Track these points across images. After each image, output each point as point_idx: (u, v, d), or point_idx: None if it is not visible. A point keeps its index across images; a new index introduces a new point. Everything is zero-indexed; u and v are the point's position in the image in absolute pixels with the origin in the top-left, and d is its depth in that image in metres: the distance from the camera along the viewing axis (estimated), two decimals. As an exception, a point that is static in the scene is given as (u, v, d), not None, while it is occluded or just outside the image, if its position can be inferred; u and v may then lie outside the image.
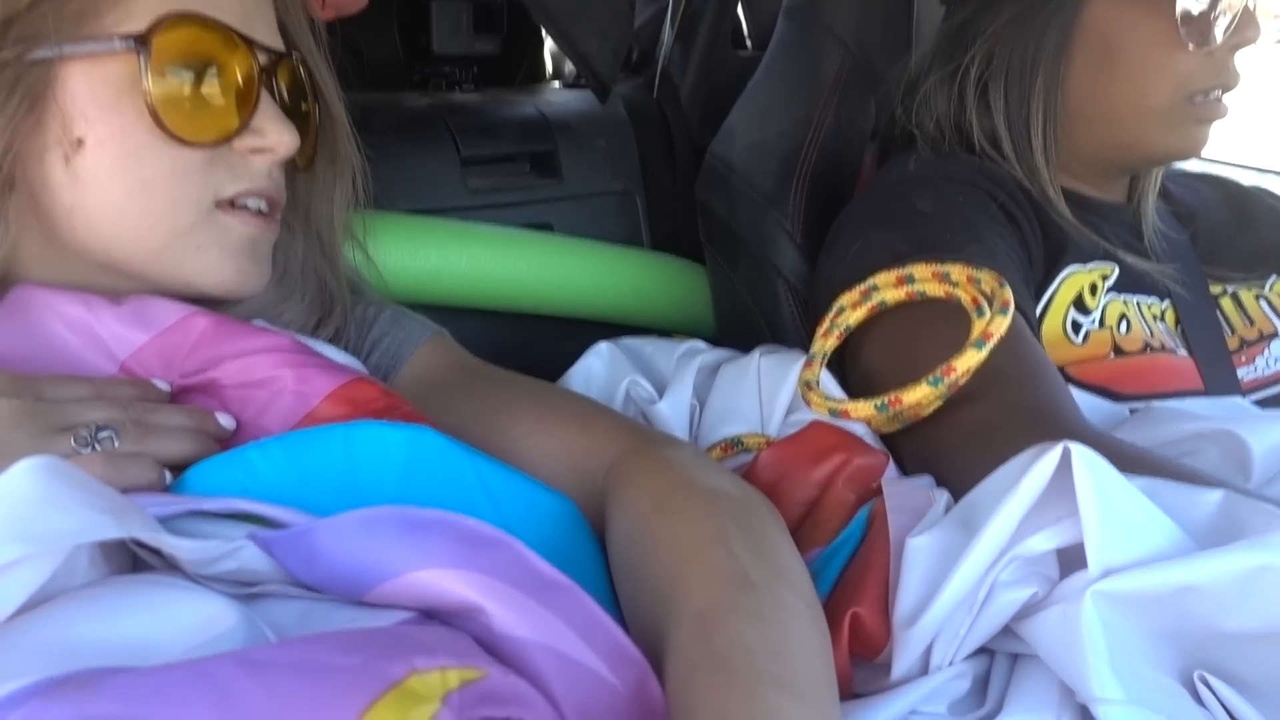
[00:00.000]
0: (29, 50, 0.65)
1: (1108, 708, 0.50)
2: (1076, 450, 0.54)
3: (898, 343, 0.85)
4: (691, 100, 1.38)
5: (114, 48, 0.66)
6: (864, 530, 0.66)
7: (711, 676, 0.46)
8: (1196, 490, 0.60)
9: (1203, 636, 0.53)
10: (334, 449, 0.57)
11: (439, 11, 1.28)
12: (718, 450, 0.82)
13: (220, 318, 0.68)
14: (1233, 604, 0.52)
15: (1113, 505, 0.54)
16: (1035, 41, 0.95)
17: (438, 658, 0.43)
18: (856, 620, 0.58)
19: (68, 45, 0.65)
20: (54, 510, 0.45)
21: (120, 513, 0.47)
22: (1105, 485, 0.54)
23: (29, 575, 0.43)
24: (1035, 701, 0.54)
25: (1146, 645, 0.53)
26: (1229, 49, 0.92)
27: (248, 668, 0.40)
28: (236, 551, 0.50)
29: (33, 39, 0.65)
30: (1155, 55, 0.92)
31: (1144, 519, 0.55)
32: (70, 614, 0.44)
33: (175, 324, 0.67)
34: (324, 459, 0.57)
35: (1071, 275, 0.93)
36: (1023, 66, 0.96)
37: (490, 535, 0.49)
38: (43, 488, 0.45)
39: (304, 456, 0.57)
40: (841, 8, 1.14)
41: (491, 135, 1.24)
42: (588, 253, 1.20)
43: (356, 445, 0.57)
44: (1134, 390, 0.89)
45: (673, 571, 0.53)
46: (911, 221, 0.91)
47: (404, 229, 1.07)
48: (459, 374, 0.79)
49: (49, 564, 0.44)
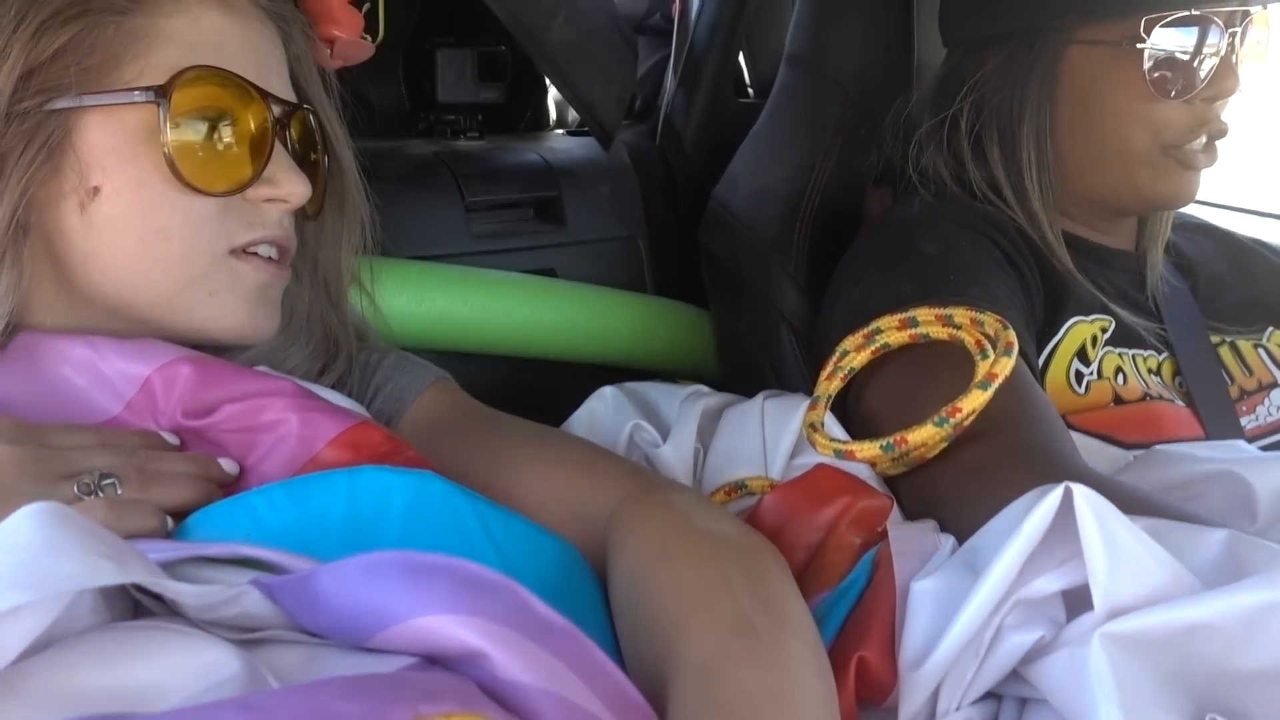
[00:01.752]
0: (49, 100, 0.66)
1: None
2: (1078, 490, 0.54)
3: (901, 385, 0.85)
4: (694, 147, 1.40)
5: (134, 99, 0.67)
6: (869, 574, 0.65)
7: None
8: (1200, 530, 0.60)
9: (1212, 677, 0.52)
10: (337, 494, 0.57)
11: (444, 60, 1.30)
12: (722, 494, 0.81)
13: (216, 362, 0.69)
14: (1242, 642, 0.51)
15: (1117, 545, 0.54)
16: (1020, 88, 0.97)
17: (442, 703, 0.42)
18: (863, 664, 0.57)
19: (88, 97, 0.66)
20: (56, 556, 0.45)
21: (122, 558, 0.47)
22: (1108, 525, 0.54)
23: (32, 621, 0.43)
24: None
25: (1155, 689, 0.53)
26: (1207, 99, 0.92)
27: (249, 714, 0.40)
28: (239, 597, 0.50)
29: (53, 90, 0.66)
30: (1130, 104, 0.92)
31: (1148, 558, 0.55)
32: (73, 660, 0.44)
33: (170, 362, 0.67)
34: (327, 504, 0.57)
35: (1076, 325, 0.93)
36: (1010, 113, 0.98)
37: (493, 580, 0.49)
38: (45, 533, 0.45)
39: (307, 502, 0.57)
40: (842, 56, 1.15)
41: (496, 182, 1.25)
42: (591, 297, 1.21)
43: (359, 491, 0.57)
44: (1136, 438, 0.89)
45: (675, 617, 0.53)
46: (915, 264, 0.91)
47: (409, 275, 1.08)
48: (461, 419, 0.79)
49: (52, 609, 0.44)
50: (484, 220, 1.22)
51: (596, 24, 1.22)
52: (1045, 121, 0.97)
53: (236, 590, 0.50)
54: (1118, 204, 1.00)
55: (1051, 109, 0.96)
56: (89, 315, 0.71)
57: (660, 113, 1.39)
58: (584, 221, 1.28)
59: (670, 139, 1.39)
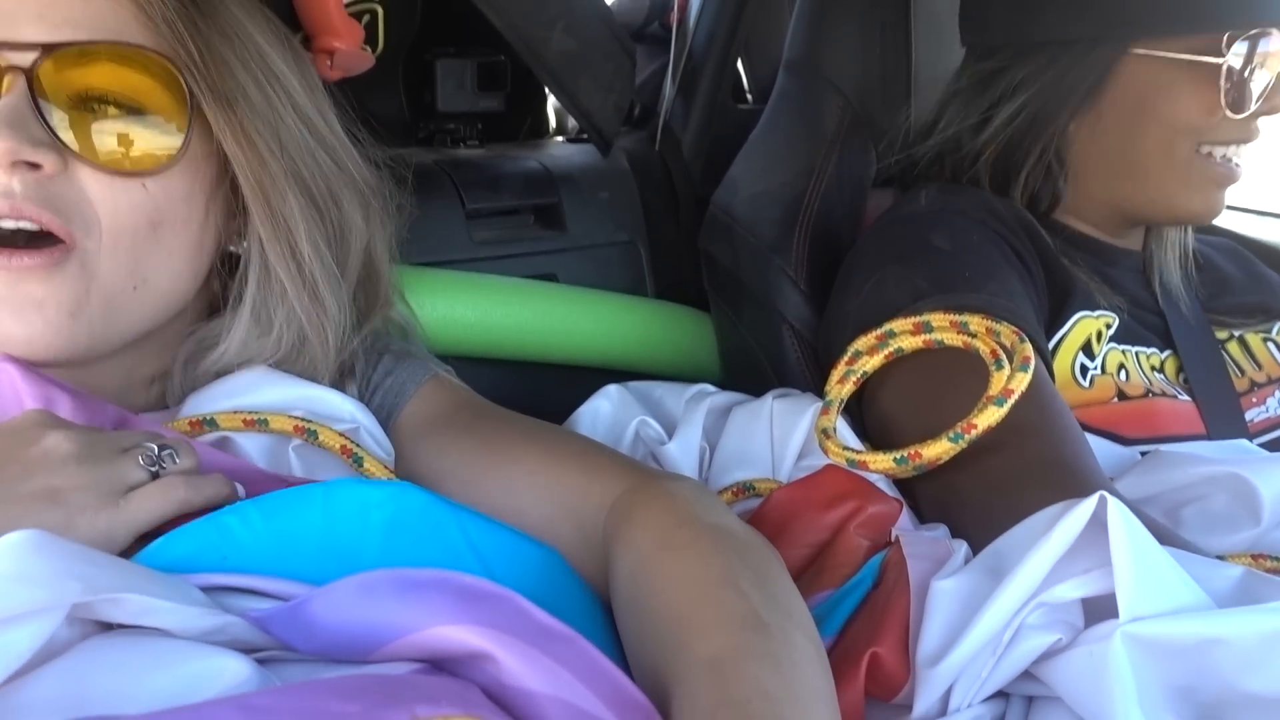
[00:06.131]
0: None
1: None
2: (1112, 501, 0.55)
3: (918, 390, 0.85)
4: (693, 152, 1.40)
5: None
6: (876, 577, 0.66)
7: None
8: (1218, 564, 0.61)
9: (1220, 695, 0.53)
10: (313, 510, 0.56)
11: (443, 70, 1.30)
12: (729, 494, 0.82)
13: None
14: (1256, 663, 0.52)
15: (1145, 558, 0.55)
16: (1063, 95, 0.96)
17: (440, 706, 0.43)
18: (875, 660, 0.58)
19: None
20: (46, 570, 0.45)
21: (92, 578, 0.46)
22: (1138, 539, 0.55)
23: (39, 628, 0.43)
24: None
25: (1167, 696, 0.53)
26: (1264, 114, 0.92)
27: (247, 713, 0.40)
28: (226, 627, 0.49)
29: None
30: (1188, 116, 0.92)
31: (1174, 576, 0.56)
32: (80, 669, 0.44)
33: None
34: (303, 521, 0.55)
35: (1081, 320, 0.94)
36: (1050, 115, 0.97)
37: (489, 590, 0.49)
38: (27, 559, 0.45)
39: (282, 519, 0.55)
40: (841, 61, 1.15)
41: (496, 189, 1.26)
42: (593, 302, 1.21)
43: (336, 505, 0.56)
44: (1138, 434, 0.89)
45: (682, 611, 0.53)
46: (929, 259, 0.91)
47: (411, 281, 1.08)
48: (459, 411, 0.78)
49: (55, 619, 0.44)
50: (485, 227, 1.22)
51: (594, 33, 1.22)
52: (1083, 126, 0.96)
53: (223, 620, 0.49)
54: (1145, 215, 1.00)
55: (1094, 114, 0.96)
56: None
57: (659, 119, 1.39)
58: (584, 227, 1.29)
59: (669, 145, 1.39)
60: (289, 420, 0.71)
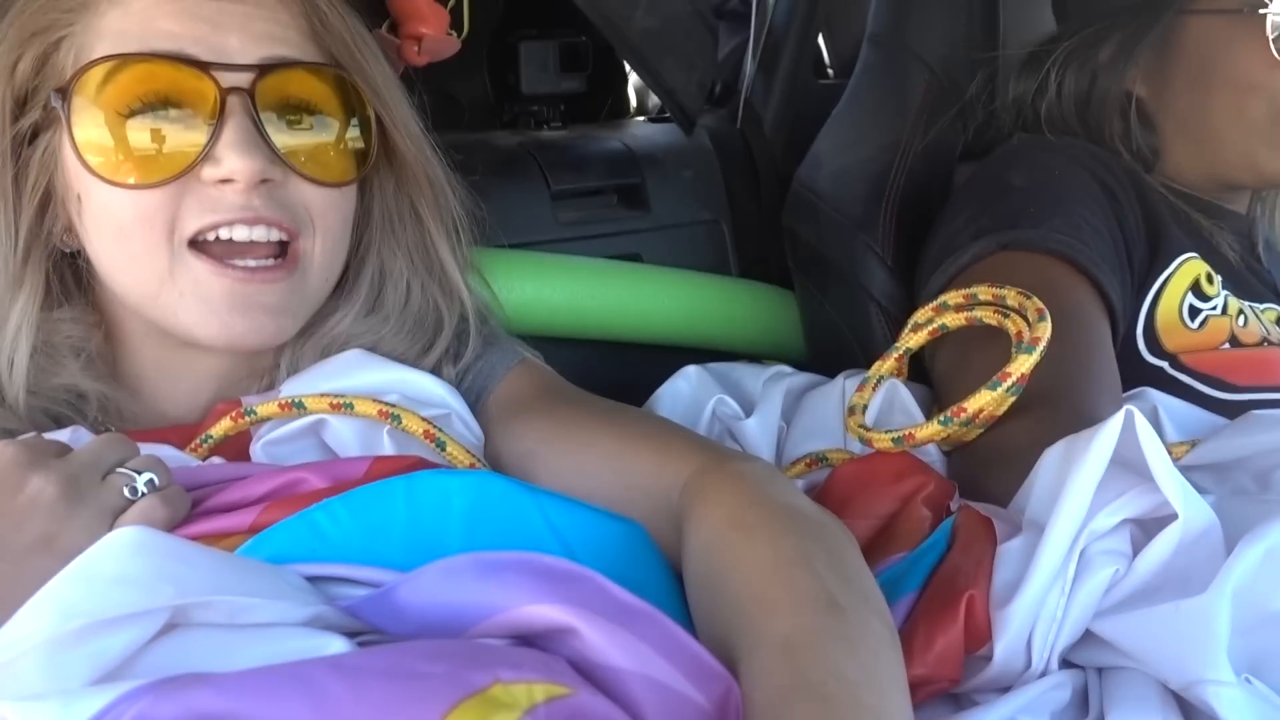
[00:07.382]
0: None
1: (1221, 689, 0.50)
2: (1138, 414, 0.56)
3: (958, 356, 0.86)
4: (775, 129, 1.39)
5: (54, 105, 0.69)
6: (948, 540, 0.65)
7: (806, 705, 0.45)
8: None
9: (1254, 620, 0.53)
10: (396, 502, 0.57)
11: (527, 52, 1.31)
12: (802, 465, 0.82)
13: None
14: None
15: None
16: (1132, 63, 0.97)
17: (524, 672, 0.44)
18: (972, 603, 0.57)
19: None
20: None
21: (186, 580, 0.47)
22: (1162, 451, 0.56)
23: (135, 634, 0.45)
24: (1139, 706, 0.53)
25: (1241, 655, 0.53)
26: None
27: (340, 671, 0.42)
28: (320, 616, 0.51)
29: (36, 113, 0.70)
30: (1250, 72, 0.92)
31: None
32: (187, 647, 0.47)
33: None
34: (387, 513, 0.57)
35: (1188, 261, 0.92)
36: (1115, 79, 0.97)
37: (570, 570, 0.49)
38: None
39: (367, 512, 0.57)
40: (926, 31, 1.14)
41: (580, 170, 1.27)
42: (677, 281, 1.21)
43: (418, 496, 0.57)
44: (1249, 381, 0.88)
45: (755, 590, 0.52)
46: (1002, 195, 0.92)
47: (498, 263, 1.10)
48: (540, 395, 0.79)
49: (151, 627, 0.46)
50: (570, 208, 1.23)
51: (677, 11, 1.22)
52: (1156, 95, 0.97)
53: (317, 610, 0.50)
54: (1235, 178, 0.99)
55: (1160, 83, 0.96)
56: (135, 323, 0.74)
57: (741, 96, 1.38)
58: (667, 206, 1.29)
59: (751, 122, 1.38)
60: (374, 405, 0.73)
